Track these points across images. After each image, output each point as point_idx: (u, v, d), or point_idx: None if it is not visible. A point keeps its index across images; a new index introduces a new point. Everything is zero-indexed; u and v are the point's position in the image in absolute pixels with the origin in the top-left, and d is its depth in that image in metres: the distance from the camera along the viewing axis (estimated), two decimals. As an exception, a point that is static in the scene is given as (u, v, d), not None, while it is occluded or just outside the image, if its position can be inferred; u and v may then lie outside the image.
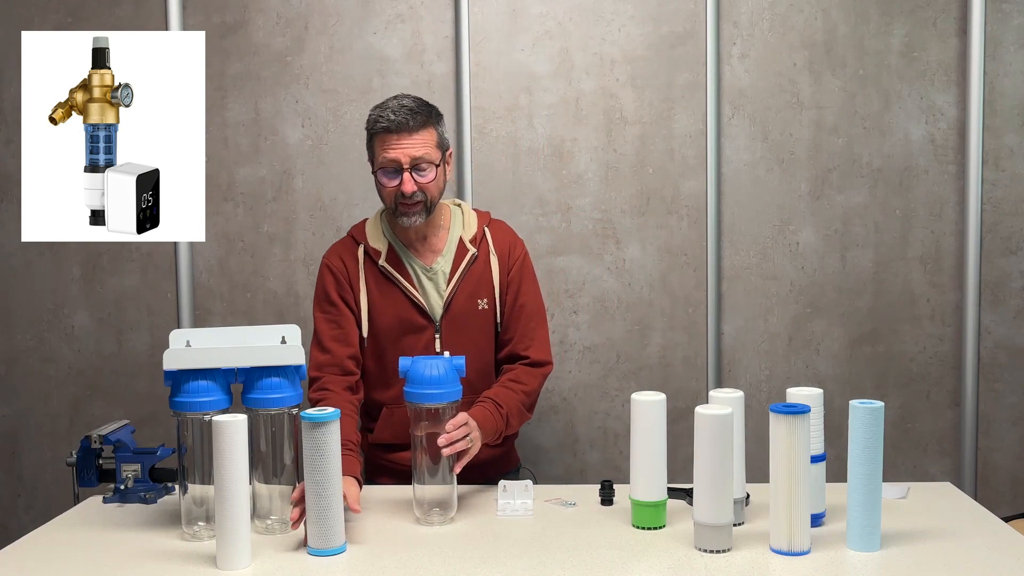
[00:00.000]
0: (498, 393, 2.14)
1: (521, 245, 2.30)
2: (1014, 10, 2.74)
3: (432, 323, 2.21)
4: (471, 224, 2.25)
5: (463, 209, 2.29)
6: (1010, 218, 2.78)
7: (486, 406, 2.08)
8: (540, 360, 2.24)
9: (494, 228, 2.28)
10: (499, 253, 2.25)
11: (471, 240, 2.23)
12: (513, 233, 2.32)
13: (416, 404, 1.91)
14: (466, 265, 2.21)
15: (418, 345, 2.21)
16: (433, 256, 2.23)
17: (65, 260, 2.87)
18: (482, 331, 2.24)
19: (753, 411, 2.60)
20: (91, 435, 2.12)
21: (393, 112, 2.10)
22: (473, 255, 2.22)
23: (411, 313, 2.20)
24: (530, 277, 2.29)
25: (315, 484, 1.72)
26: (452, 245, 2.23)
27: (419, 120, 2.10)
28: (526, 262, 2.29)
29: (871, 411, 1.70)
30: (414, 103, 2.13)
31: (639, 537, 1.82)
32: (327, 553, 1.73)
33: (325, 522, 1.72)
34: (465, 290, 2.21)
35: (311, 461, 1.72)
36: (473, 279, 2.22)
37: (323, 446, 1.72)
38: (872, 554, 1.71)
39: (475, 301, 2.22)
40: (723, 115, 2.78)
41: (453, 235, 2.24)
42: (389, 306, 2.20)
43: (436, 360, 1.92)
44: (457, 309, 2.21)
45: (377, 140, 2.14)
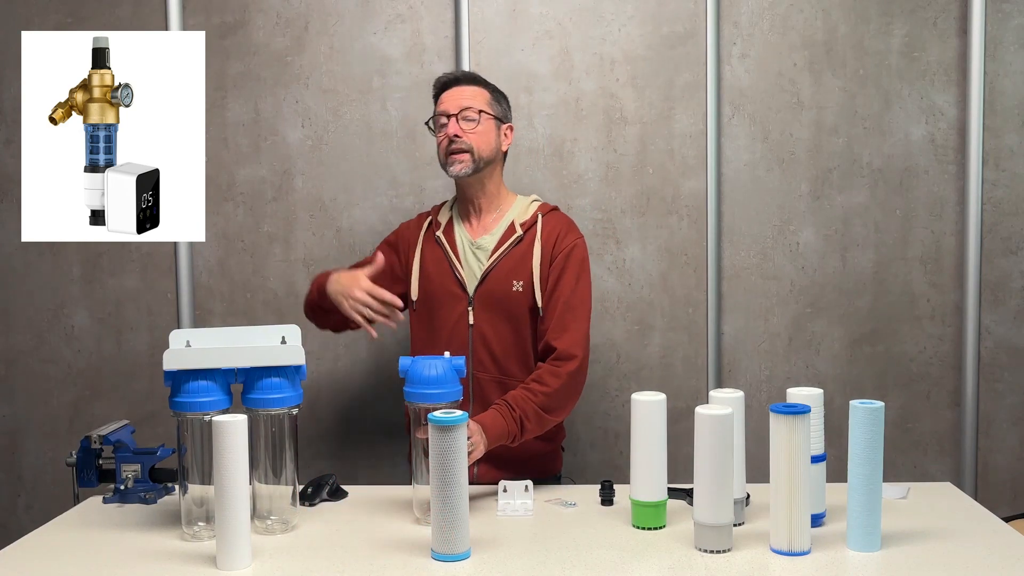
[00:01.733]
0: (515, 396, 2.13)
1: (574, 237, 2.28)
2: (1014, 10, 2.74)
3: (467, 295, 2.26)
4: (528, 211, 2.32)
5: (529, 199, 2.36)
6: (1010, 218, 2.78)
7: (499, 409, 2.09)
8: (567, 353, 2.18)
9: (549, 218, 2.31)
10: (544, 240, 2.27)
11: (521, 224, 2.29)
12: (568, 225, 2.31)
13: (415, 404, 1.91)
14: (510, 245, 2.26)
15: (452, 315, 2.26)
16: (483, 232, 2.31)
17: (65, 260, 2.87)
18: (515, 313, 2.25)
19: (753, 411, 2.60)
20: (91, 435, 2.12)
21: (454, 72, 2.35)
22: (518, 237, 2.27)
23: (450, 283, 2.28)
24: (575, 270, 2.25)
25: (442, 490, 1.68)
26: (503, 226, 2.30)
27: (474, 79, 2.32)
28: (574, 255, 2.26)
29: (871, 411, 1.70)
30: (475, 74, 2.37)
31: (639, 537, 1.82)
32: (453, 559, 1.69)
33: (452, 529, 1.69)
34: (503, 268, 2.25)
35: (438, 466, 1.68)
36: (514, 260, 2.26)
37: (450, 451, 1.68)
38: (872, 554, 1.71)
39: (511, 281, 2.25)
40: (723, 115, 2.78)
41: (508, 217, 2.31)
42: (436, 273, 2.30)
43: (435, 360, 1.92)
44: (492, 285, 2.25)
45: (438, 101, 2.31)
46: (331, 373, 2.86)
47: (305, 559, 1.73)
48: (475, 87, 2.29)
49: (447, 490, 1.68)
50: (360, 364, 2.86)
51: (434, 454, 1.69)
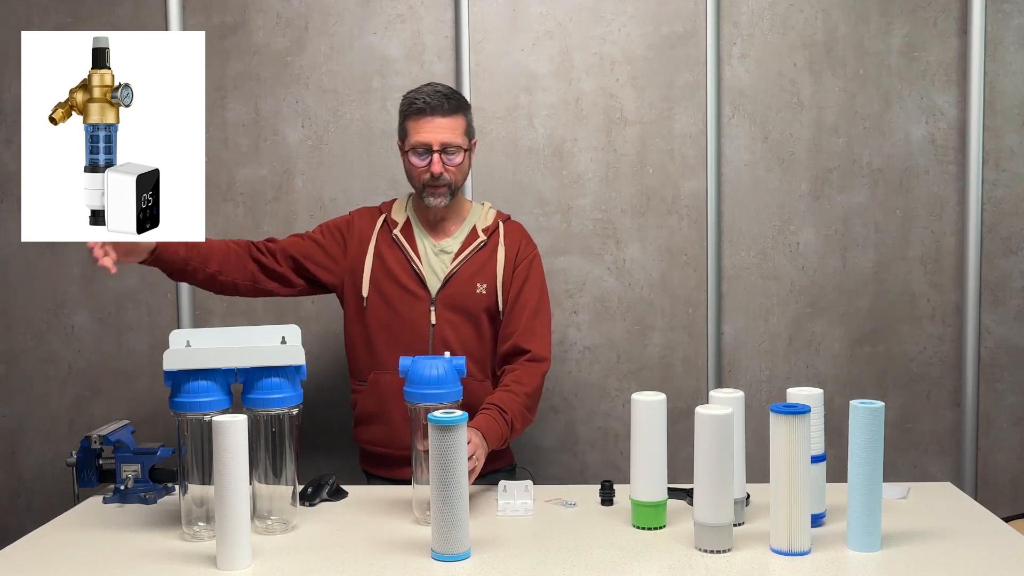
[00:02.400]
0: (501, 398, 2.16)
1: (532, 248, 2.37)
2: (1014, 10, 2.74)
3: (428, 295, 2.28)
4: (488, 218, 2.35)
5: (485, 207, 2.38)
6: (1010, 218, 2.78)
7: (490, 413, 2.10)
8: (540, 355, 2.27)
9: (509, 226, 2.37)
10: (508, 247, 2.32)
11: (484, 230, 2.32)
12: (527, 236, 2.39)
13: (416, 404, 1.91)
14: (473, 249, 2.29)
15: (412, 314, 2.28)
16: (444, 237, 2.32)
17: (65, 260, 2.87)
18: (476, 315, 2.29)
19: (753, 411, 2.60)
20: (91, 435, 2.12)
21: (428, 96, 2.21)
22: (482, 241, 2.30)
23: (411, 282, 2.29)
24: (536, 277, 2.34)
25: (442, 490, 1.69)
26: (465, 230, 2.33)
27: (452, 105, 2.22)
28: (535, 264, 2.34)
29: (871, 411, 1.70)
30: (448, 90, 2.25)
31: (639, 537, 1.82)
32: (453, 559, 1.70)
33: (452, 529, 1.69)
34: (467, 271, 2.28)
35: (438, 466, 1.69)
36: (477, 263, 2.29)
37: (450, 451, 1.68)
38: (872, 554, 1.71)
39: (474, 283, 2.28)
40: (723, 115, 2.78)
41: (468, 223, 2.34)
42: (393, 271, 2.29)
43: (436, 360, 1.92)
44: (455, 287, 2.28)
45: (410, 122, 2.23)
46: (331, 373, 2.85)
47: (305, 559, 1.73)
48: (453, 117, 2.21)
49: (447, 490, 1.68)
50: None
51: (434, 454, 1.69)
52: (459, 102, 2.24)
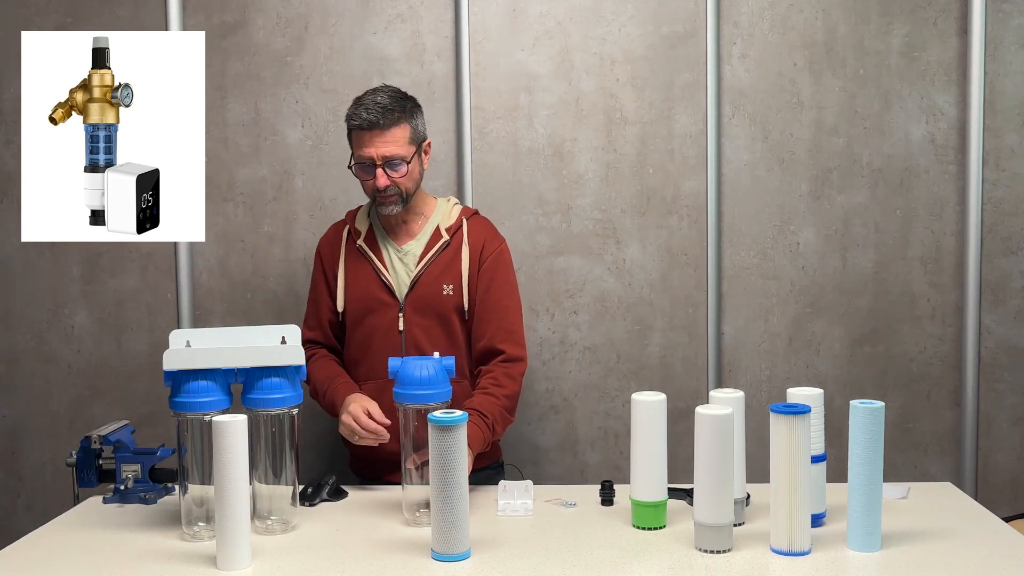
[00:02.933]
0: (481, 402, 2.17)
1: (498, 242, 2.35)
2: (1014, 10, 2.74)
3: (397, 301, 2.28)
4: (451, 215, 2.34)
5: (450, 204, 2.38)
6: (1010, 218, 2.78)
7: (472, 418, 2.10)
8: (515, 355, 2.27)
9: (473, 222, 2.35)
10: (471, 244, 2.30)
11: (447, 229, 2.31)
12: (492, 230, 2.38)
13: (405, 405, 1.91)
14: (437, 250, 2.29)
15: (382, 323, 2.29)
16: (408, 239, 2.32)
17: (65, 260, 2.87)
18: (446, 316, 2.29)
19: (753, 411, 2.60)
20: (91, 435, 2.12)
21: (367, 110, 2.18)
22: (445, 242, 2.30)
23: (379, 291, 2.29)
24: (504, 272, 2.33)
25: (442, 490, 1.69)
26: (428, 231, 2.32)
27: (391, 118, 2.19)
28: (501, 258, 2.33)
29: (871, 411, 1.70)
30: (389, 99, 2.21)
31: (639, 537, 1.82)
32: (453, 559, 1.70)
33: (452, 529, 1.69)
34: (432, 273, 2.28)
35: (438, 466, 1.69)
36: (442, 264, 2.29)
37: (450, 451, 1.68)
38: (872, 554, 1.71)
39: (440, 285, 2.28)
40: (723, 115, 2.78)
41: (431, 223, 2.33)
42: (360, 283, 2.30)
43: (426, 361, 1.92)
44: (422, 291, 2.28)
45: (353, 136, 2.24)
46: (331, 373, 2.85)
47: (305, 559, 1.73)
48: (395, 129, 2.18)
49: (447, 490, 1.68)
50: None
51: (434, 454, 1.69)
52: (401, 111, 2.20)
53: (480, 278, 2.29)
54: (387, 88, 2.26)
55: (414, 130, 2.24)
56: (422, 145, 2.28)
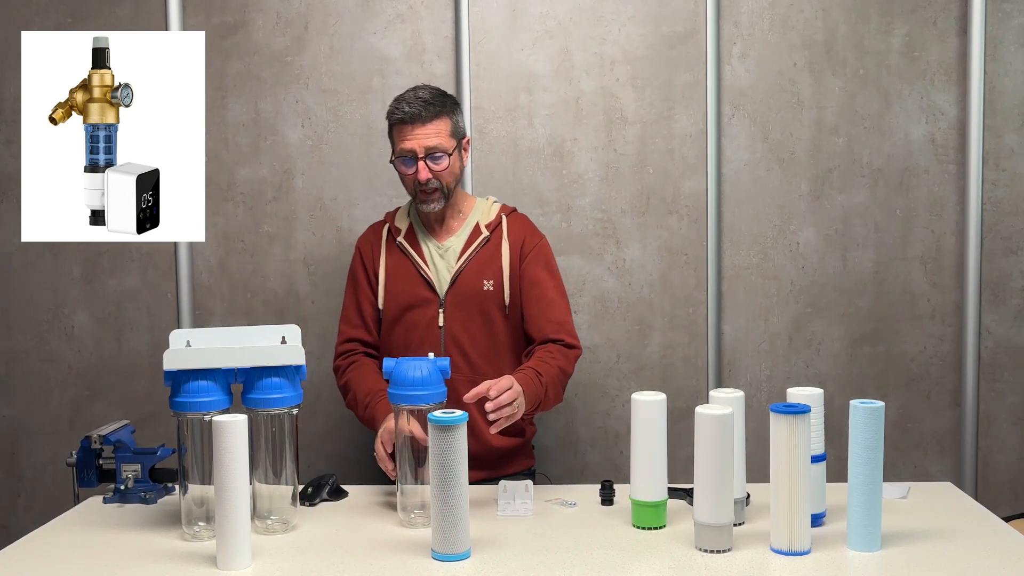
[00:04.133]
0: (538, 364, 2.16)
1: (539, 237, 2.37)
2: (1014, 10, 2.74)
3: (437, 297, 2.28)
4: (491, 213, 2.35)
5: (489, 202, 2.39)
6: (1010, 218, 2.78)
7: (527, 374, 2.10)
8: (570, 343, 2.29)
9: (513, 219, 2.36)
10: (512, 240, 2.31)
11: (487, 225, 2.32)
12: (532, 226, 2.40)
13: (399, 405, 1.90)
14: (477, 246, 2.29)
15: (423, 319, 2.28)
16: (448, 236, 2.33)
17: (65, 260, 2.87)
18: (486, 312, 2.29)
19: (753, 411, 2.60)
20: (91, 435, 2.12)
21: (408, 104, 2.21)
22: (485, 238, 2.30)
23: (420, 287, 2.29)
24: (548, 266, 2.34)
25: (442, 490, 1.68)
26: (468, 228, 2.33)
27: (432, 111, 2.21)
28: (542, 253, 2.34)
29: (871, 411, 1.70)
30: (430, 94, 2.24)
31: (639, 537, 1.82)
32: (453, 559, 1.69)
33: (452, 529, 1.69)
34: (472, 269, 2.28)
35: (438, 466, 1.69)
36: (482, 260, 2.29)
37: (450, 451, 1.68)
38: (872, 554, 1.71)
39: (481, 280, 2.28)
40: (723, 115, 2.78)
41: (471, 220, 2.34)
42: (401, 279, 2.31)
43: (420, 361, 1.91)
44: (463, 286, 2.28)
45: (395, 130, 2.25)
46: (331, 373, 2.85)
47: (305, 559, 1.73)
48: (437, 121, 2.21)
49: (447, 490, 1.68)
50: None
51: (434, 454, 1.69)
52: (442, 106, 2.23)
53: (523, 274, 2.30)
54: (427, 86, 2.28)
55: (455, 124, 2.26)
56: (462, 141, 2.29)
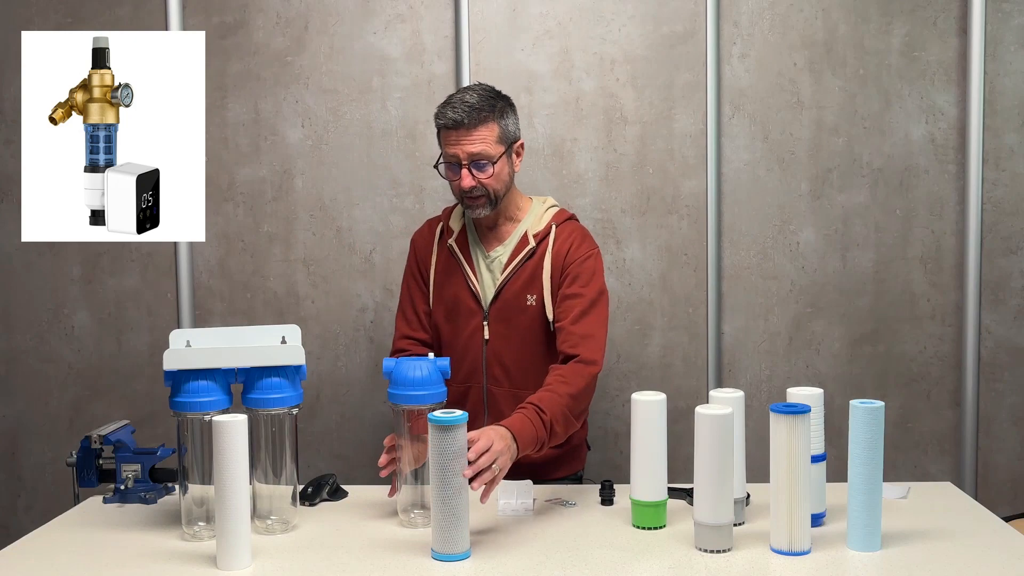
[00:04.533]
0: (541, 398, 2.02)
1: (586, 249, 2.24)
2: (1014, 10, 2.74)
3: (482, 309, 2.24)
4: (542, 221, 2.26)
5: (544, 205, 2.30)
6: (1010, 218, 2.78)
7: (526, 412, 1.96)
8: (589, 357, 2.14)
9: (562, 229, 2.25)
10: (555, 253, 2.22)
11: (535, 235, 2.24)
12: (581, 236, 2.26)
13: (399, 406, 1.90)
14: (523, 258, 2.22)
15: (467, 328, 2.25)
16: (497, 244, 2.27)
17: (65, 260, 2.87)
18: (529, 326, 2.22)
19: (753, 411, 2.60)
20: (91, 435, 2.12)
21: (453, 108, 2.13)
22: (531, 249, 2.22)
23: (466, 296, 2.25)
24: (588, 277, 2.20)
25: (442, 490, 1.68)
26: (516, 237, 2.25)
27: (478, 116, 2.12)
28: (586, 265, 2.21)
29: (871, 411, 1.70)
30: (478, 98, 2.15)
31: (639, 537, 1.82)
32: (453, 559, 1.69)
33: (452, 529, 1.69)
34: (517, 283, 2.22)
35: (439, 467, 1.68)
36: (526, 273, 2.22)
37: (450, 451, 1.67)
38: (872, 554, 1.71)
39: (524, 295, 2.22)
40: (723, 115, 2.78)
41: (521, 228, 2.26)
42: (450, 285, 2.26)
43: (420, 362, 1.91)
44: (506, 300, 2.22)
45: (442, 135, 2.18)
46: (331, 373, 2.86)
47: (305, 559, 1.73)
48: (483, 127, 2.12)
49: (447, 490, 1.68)
50: (360, 364, 2.86)
51: (433, 454, 1.69)
52: (490, 111, 2.13)
53: (562, 286, 2.20)
54: (479, 87, 2.20)
55: (503, 130, 2.16)
56: (513, 146, 2.20)
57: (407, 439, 1.91)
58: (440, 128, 2.17)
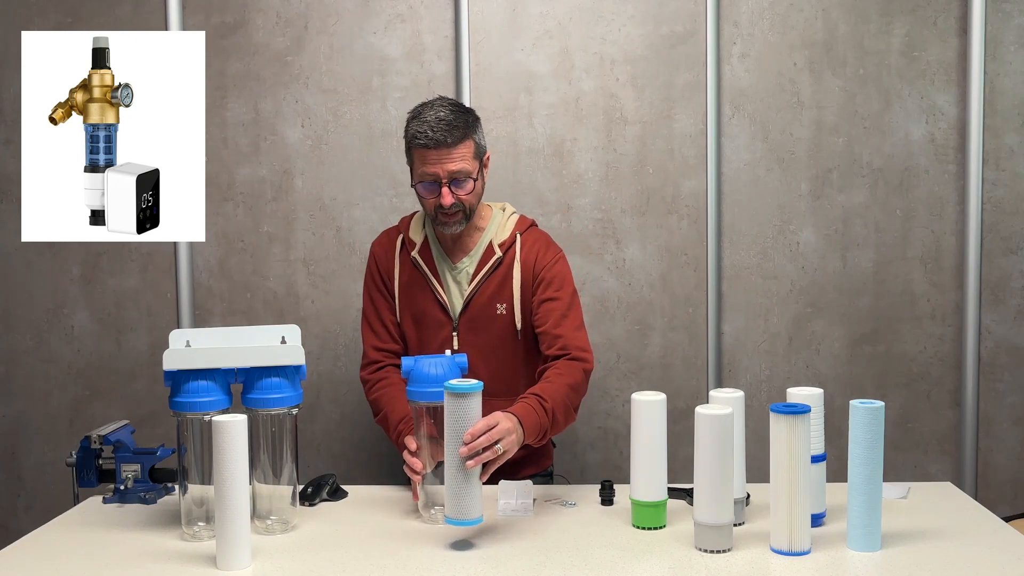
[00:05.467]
0: (543, 388, 2.04)
1: (552, 255, 2.26)
2: (1014, 10, 2.74)
3: (451, 320, 2.23)
4: (506, 229, 2.26)
5: (505, 213, 2.30)
6: (1010, 218, 2.78)
7: (528, 401, 1.98)
8: (581, 354, 2.16)
9: (527, 237, 2.27)
10: (524, 262, 2.23)
11: (500, 245, 2.24)
12: (545, 243, 2.28)
13: (418, 403, 1.91)
14: (490, 268, 2.22)
15: (436, 340, 2.24)
16: (462, 255, 2.25)
17: (65, 260, 2.87)
18: (499, 336, 2.23)
19: (753, 411, 2.60)
20: (91, 435, 2.12)
21: (431, 128, 2.09)
22: (498, 259, 2.22)
23: (433, 308, 2.24)
24: (560, 281, 2.23)
25: (456, 457, 1.74)
26: (481, 247, 2.25)
27: (457, 135, 2.10)
28: (556, 269, 2.23)
29: (871, 411, 1.70)
30: (452, 115, 2.12)
31: (639, 537, 1.82)
32: (465, 523, 1.75)
33: (466, 496, 1.74)
34: (485, 292, 2.22)
35: (454, 432, 1.74)
36: (495, 283, 2.22)
37: (465, 418, 1.74)
38: (872, 554, 1.71)
39: (494, 305, 2.22)
40: (723, 115, 2.78)
41: (485, 237, 2.26)
42: (417, 297, 2.25)
43: (438, 359, 1.92)
44: (476, 310, 2.22)
45: (416, 154, 2.15)
46: (331, 373, 2.86)
47: (305, 559, 1.73)
48: (462, 144, 2.11)
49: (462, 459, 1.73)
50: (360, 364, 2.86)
51: (449, 421, 1.74)
52: (465, 128, 2.12)
53: (536, 293, 2.21)
54: (445, 101, 2.16)
55: (477, 144, 2.16)
56: (483, 159, 2.20)
57: (425, 438, 1.92)
58: (417, 147, 2.12)
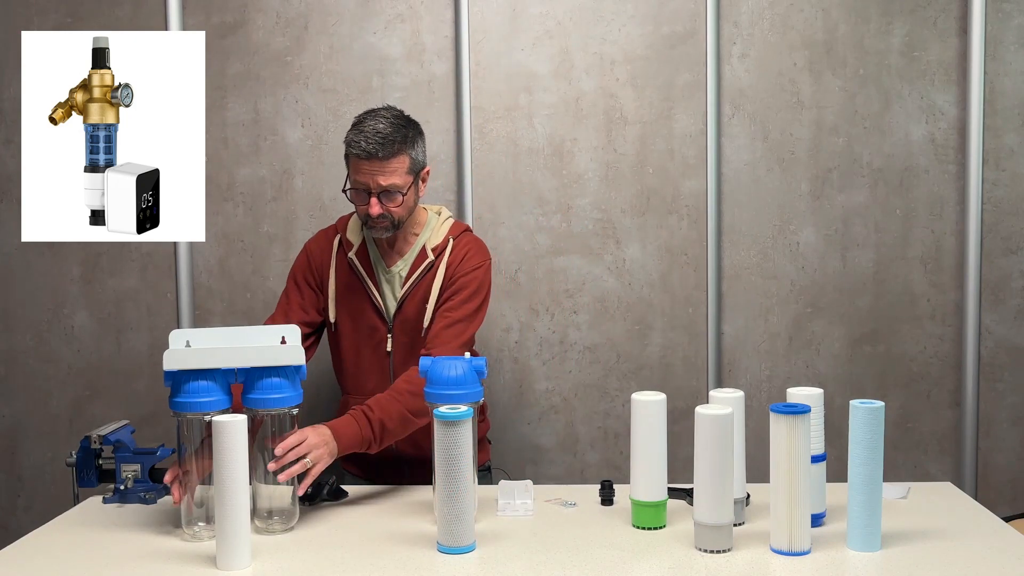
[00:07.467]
0: (378, 400, 2.07)
1: (477, 261, 2.26)
2: (1014, 10, 2.74)
3: (386, 323, 2.26)
4: (440, 233, 2.28)
5: (440, 218, 2.31)
6: (1010, 218, 2.78)
7: (353, 413, 2.04)
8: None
9: (459, 242, 2.28)
10: (449, 265, 2.24)
11: (433, 249, 2.26)
12: (475, 249, 2.28)
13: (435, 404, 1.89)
14: (422, 272, 2.24)
15: (371, 342, 2.27)
16: (397, 258, 2.28)
17: (65, 260, 2.87)
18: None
19: (753, 411, 2.60)
20: (91, 435, 2.12)
21: (367, 140, 2.11)
22: (430, 263, 2.25)
23: (368, 310, 2.27)
24: (471, 292, 2.22)
25: (447, 484, 1.71)
26: (415, 251, 2.27)
27: (390, 149, 2.11)
28: (471, 276, 2.23)
29: (871, 411, 1.70)
30: (391, 128, 2.13)
31: (639, 537, 1.82)
32: (458, 551, 1.72)
33: (458, 522, 1.71)
34: (417, 296, 2.25)
35: (443, 461, 1.71)
36: (425, 286, 2.25)
37: (455, 445, 1.70)
38: (872, 554, 1.71)
39: (424, 307, 2.24)
40: (723, 115, 2.78)
41: (419, 241, 2.28)
42: (351, 299, 2.27)
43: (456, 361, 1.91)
44: (408, 313, 2.25)
45: (351, 161, 2.17)
46: (331, 373, 2.85)
47: (305, 559, 1.73)
48: (395, 159, 2.12)
49: (452, 484, 1.70)
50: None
51: (439, 448, 1.71)
52: (402, 141, 2.13)
53: (444, 293, 2.22)
54: (389, 113, 2.18)
55: (413, 160, 2.17)
56: (420, 173, 2.21)
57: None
58: (351, 155, 2.15)
